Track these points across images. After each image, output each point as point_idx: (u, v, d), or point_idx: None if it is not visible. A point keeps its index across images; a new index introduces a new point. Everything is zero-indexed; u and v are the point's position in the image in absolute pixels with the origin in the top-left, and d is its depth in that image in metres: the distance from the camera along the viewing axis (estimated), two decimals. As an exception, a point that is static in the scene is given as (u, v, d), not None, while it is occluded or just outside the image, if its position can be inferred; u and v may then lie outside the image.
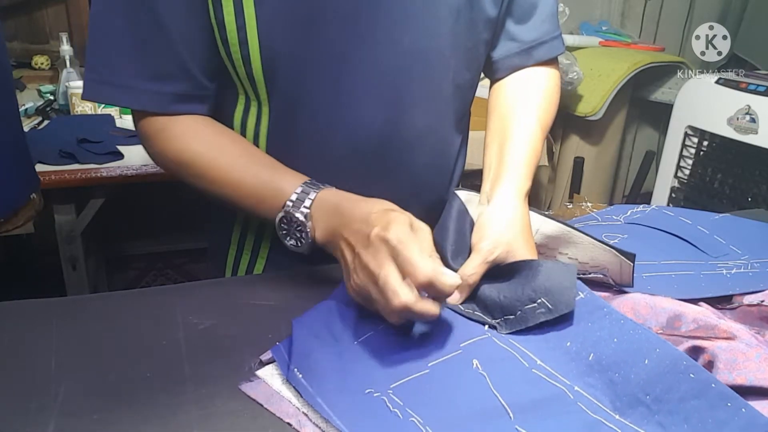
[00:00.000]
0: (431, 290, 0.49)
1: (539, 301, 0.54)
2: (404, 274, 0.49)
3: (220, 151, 0.65)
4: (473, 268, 0.59)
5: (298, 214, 0.59)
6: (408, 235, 0.50)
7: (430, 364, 0.50)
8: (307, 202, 0.59)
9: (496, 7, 0.71)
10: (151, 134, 0.67)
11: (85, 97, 0.65)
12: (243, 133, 0.70)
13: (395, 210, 0.54)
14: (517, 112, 0.73)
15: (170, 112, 0.65)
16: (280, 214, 0.60)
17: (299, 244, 0.60)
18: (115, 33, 0.61)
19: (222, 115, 0.71)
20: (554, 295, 0.54)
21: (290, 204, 0.60)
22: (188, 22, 0.61)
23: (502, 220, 0.62)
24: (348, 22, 0.62)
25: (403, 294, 0.48)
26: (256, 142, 0.70)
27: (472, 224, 0.64)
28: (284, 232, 0.61)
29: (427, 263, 0.48)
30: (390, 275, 0.49)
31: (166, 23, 0.60)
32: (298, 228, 0.60)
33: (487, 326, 0.55)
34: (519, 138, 0.70)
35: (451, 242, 0.62)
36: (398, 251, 0.49)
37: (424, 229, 0.53)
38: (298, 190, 0.60)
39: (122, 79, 0.63)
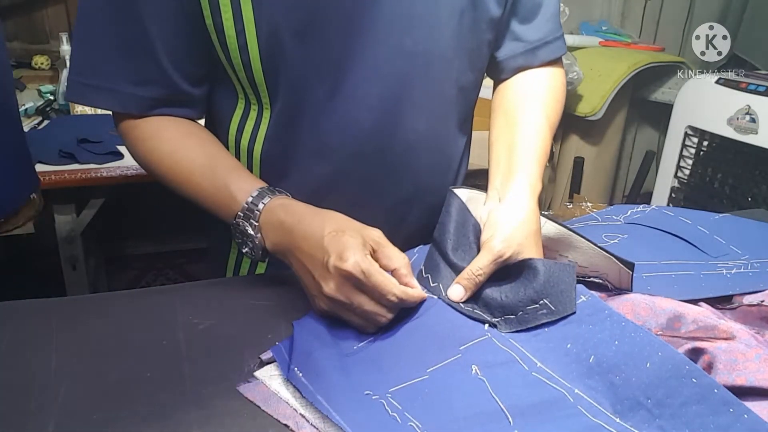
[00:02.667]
0: (399, 305, 0.54)
1: (541, 302, 0.54)
2: (374, 300, 0.53)
3: (184, 153, 0.65)
4: (481, 267, 0.57)
5: (247, 227, 0.60)
6: (365, 261, 0.52)
7: (429, 370, 0.49)
8: (256, 214, 0.60)
9: (500, 6, 0.70)
10: (125, 133, 0.68)
11: (68, 97, 0.65)
12: (239, 138, 0.70)
13: (345, 231, 0.55)
14: (525, 110, 0.73)
15: (151, 114, 0.66)
16: (233, 223, 0.62)
17: (253, 254, 0.62)
18: (98, 36, 0.62)
19: (218, 118, 0.71)
20: (556, 297, 0.54)
21: (241, 215, 0.61)
22: (173, 29, 0.61)
23: (514, 220, 0.60)
24: (349, 24, 0.62)
25: (384, 312, 0.54)
26: (252, 147, 0.70)
27: (475, 222, 0.64)
28: (239, 240, 0.62)
29: (392, 285, 0.52)
30: (364, 304, 0.53)
31: (149, 29, 0.61)
32: (249, 239, 0.61)
33: (487, 325, 0.55)
34: (529, 135, 0.69)
35: (451, 237, 0.61)
36: (363, 283, 0.52)
37: (380, 240, 0.56)
38: (249, 200, 0.61)
39: (104, 82, 0.63)
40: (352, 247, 0.53)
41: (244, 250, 0.62)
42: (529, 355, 0.51)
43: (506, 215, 0.61)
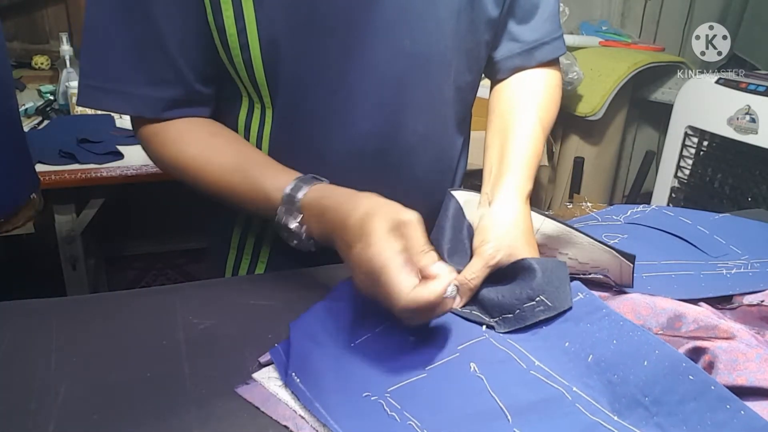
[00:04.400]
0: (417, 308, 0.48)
1: (538, 299, 0.54)
2: (388, 300, 0.48)
3: (213, 154, 0.64)
4: (475, 272, 0.58)
5: (291, 222, 0.59)
6: (386, 254, 0.48)
7: (427, 368, 0.50)
8: (297, 206, 0.58)
9: (498, 7, 0.70)
10: (147, 138, 0.67)
11: (80, 103, 0.64)
12: (246, 136, 0.70)
13: (374, 215, 0.50)
14: (518, 113, 0.73)
15: (165, 117, 0.65)
16: (276, 219, 0.60)
17: (302, 246, 0.60)
18: (109, 38, 0.61)
19: (226, 118, 0.70)
20: (552, 293, 0.54)
21: (282, 210, 0.59)
22: (183, 28, 0.61)
23: (504, 223, 0.61)
24: (348, 24, 0.62)
25: (402, 317, 0.49)
26: (259, 145, 0.70)
27: (469, 226, 0.64)
28: (286, 234, 0.61)
29: (404, 290, 0.46)
30: (383, 301, 0.49)
31: (160, 29, 0.60)
32: (295, 234, 0.59)
33: (484, 326, 0.55)
34: (520, 138, 0.70)
35: (447, 241, 0.62)
36: (378, 277, 0.48)
37: (411, 223, 0.50)
38: (286, 191, 0.59)
39: (117, 85, 0.62)
40: (376, 232, 0.49)
41: (293, 244, 0.60)
42: (527, 354, 0.51)
43: (496, 219, 0.62)
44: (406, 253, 0.48)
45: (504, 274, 0.59)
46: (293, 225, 0.59)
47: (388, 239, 0.48)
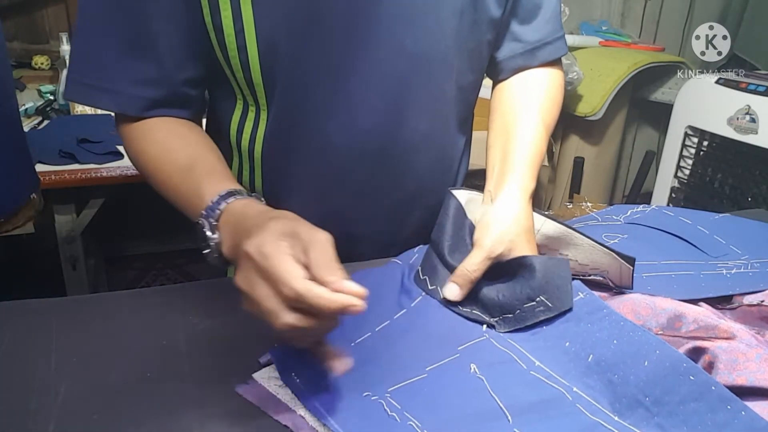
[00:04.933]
0: (304, 305, 0.42)
1: (538, 299, 0.54)
2: (274, 292, 0.42)
3: (168, 154, 0.63)
4: (475, 264, 0.58)
5: (206, 227, 0.54)
6: (274, 245, 0.43)
7: (427, 369, 0.50)
8: (216, 213, 0.54)
9: (500, 7, 0.70)
10: (122, 135, 0.67)
11: (67, 96, 0.64)
12: (239, 139, 0.70)
13: (277, 218, 0.46)
14: (520, 112, 0.73)
15: (147, 116, 0.64)
16: (195, 223, 0.56)
17: (210, 258, 0.55)
18: (99, 35, 0.61)
19: (219, 120, 0.70)
20: (553, 293, 0.54)
21: (203, 213, 0.55)
22: (175, 29, 0.61)
23: (505, 218, 0.61)
24: (348, 24, 0.62)
25: (280, 311, 0.42)
26: (252, 148, 0.70)
27: (470, 224, 0.64)
28: (201, 244, 0.55)
29: (293, 273, 0.41)
30: (263, 298, 0.43)
31: (151, 28, 0.60)
32: (208, 240, 0.54)
33: (485, 326, 0.55)
34: (523, 138, 0.70)
35: (448, 238, 0.62)
36: (261, 265, 0.43)
37: (319, 242, 0.44)
38: (214, 199, 0.55)
39: (103, 82, 0.62)
40: (266, 230, 0.45)
41: (206, 253, 0.55)
42: (527, 354, 0.51)
43: (497, 214, 0.62)
44: (296, 258, 0.43)
45: (504, 270, 0.59)
46: (207, 232, 0.54)
47: (281, 237, 0.44)
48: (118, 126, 0.68)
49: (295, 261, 0.43)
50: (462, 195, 0.66)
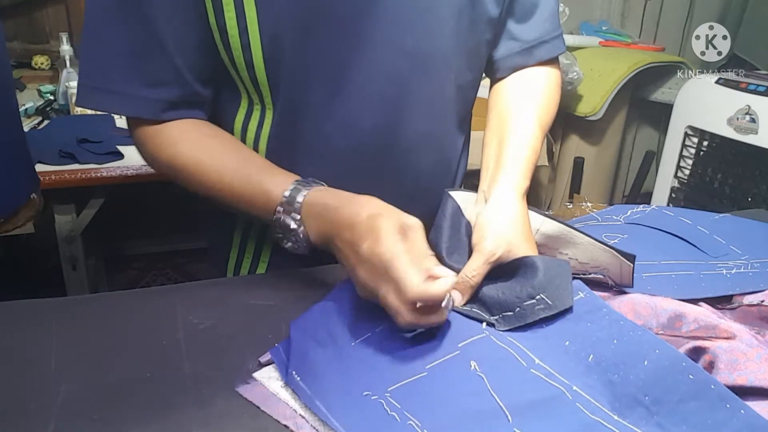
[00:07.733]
0: (423, 304, 0.49)
1: (538, 297, 0.54)
2: (396, 293, 0.49)
3: (210, 155, 0.64)
4: (475, 269, 0.58)
5: (289, 221, 0.59)
6: (396, 249, 0.50)
7: (427, 367, 0.50)
8: (297, 206, 0.59)
9: (498, 6, 0.70)
10: (144, 140, 0.66)
11: (79, 103, 0.64)
12: (243, 137, 0.70)
13: (381, 215, 0.53)
14: (516, 111, 0.73)
15: (164, 118, 0.64)
16: (273, 219, 0.60)
17: (297, 247, 0.60)
18: (108, 39, 0.61)
19: (223, 119, 0.70)
20: (553, 291, 0.54)
21: (281, 210, 0.59)
22: (183, 29, 0.61)
23: (502, 220, 0.61)
24: (350, 24, 0.62)
25: (404, 314, 0.49)
26: (256, 146, 0.70)
27: (467, 224, 0.64)
28: (280, 235, 0.61)
29: (414, 281, 0.48)
30: (388, 296, 0.50)
31: (160, 30, 0.60)
32: (292, 233, 0.59)
33: (485, 324, 0.55)
34: (517, 137, 0.70)
35: (446, 240, 0.62)
36: (387, 270, 0.49)
37: (414, 227, 0.53)
38: (287, 193, 0.59)
39: (116, 86, 0.62)
40: (385, 231, 0.51)
41: (287, 245, 0.61)
42: (527, 352, 0.51)
43: (494, 215, 0.62)
44: (411, 254, 0.50)
45: (504, 270, 0.59)
46: (293, 225, 0.59)
47: (396, 237, 0.51)
48: (133, 131, 0.67)
49: (412, 262, 0.49)
50: (458, 195, 0.66)
